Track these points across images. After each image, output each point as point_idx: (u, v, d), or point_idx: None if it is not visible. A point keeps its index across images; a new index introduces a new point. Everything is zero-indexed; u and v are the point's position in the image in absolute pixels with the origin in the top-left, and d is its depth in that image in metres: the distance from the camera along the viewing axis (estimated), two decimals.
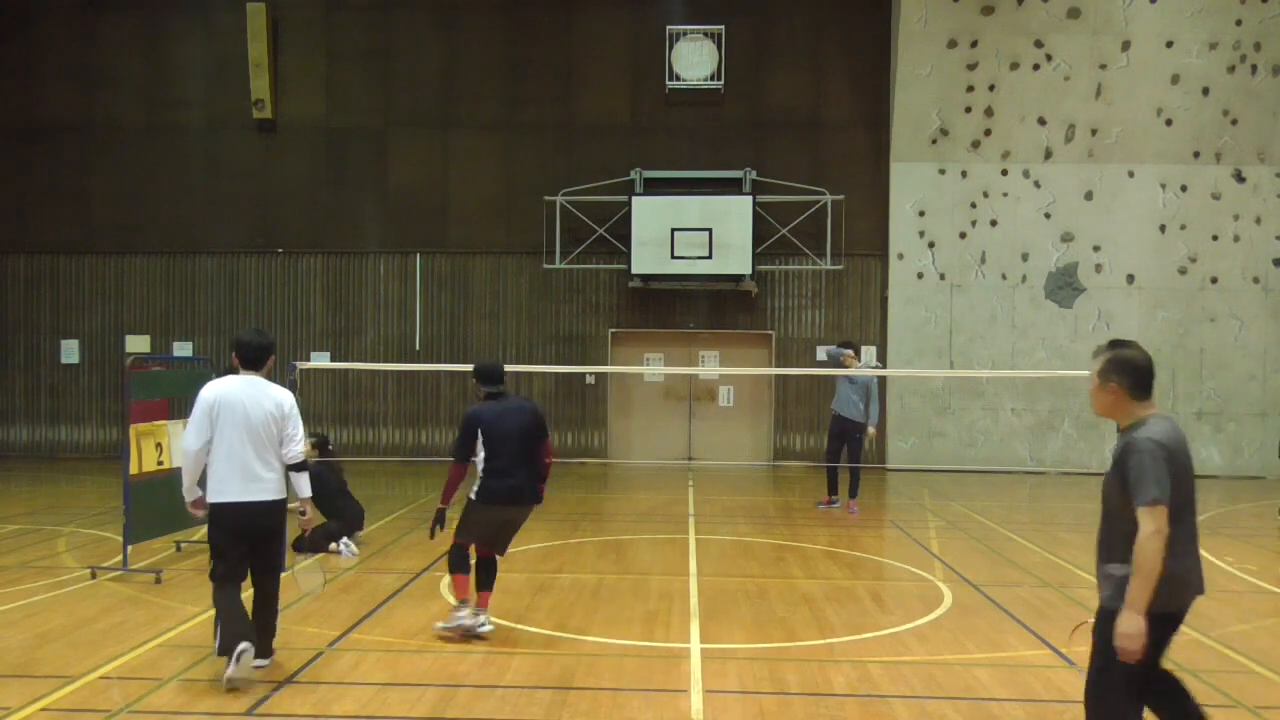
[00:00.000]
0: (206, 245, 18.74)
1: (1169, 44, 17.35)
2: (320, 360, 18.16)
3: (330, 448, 11.20)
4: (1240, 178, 17.64)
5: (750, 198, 17.59)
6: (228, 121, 18.69)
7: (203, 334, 18.74)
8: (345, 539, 10.18)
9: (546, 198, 18.02)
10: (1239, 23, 17.26)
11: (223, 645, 5.95)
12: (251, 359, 6.37)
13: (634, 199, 17.67)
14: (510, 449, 7.09)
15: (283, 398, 6.32)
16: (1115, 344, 4.43)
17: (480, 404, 7.27)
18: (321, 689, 6.05)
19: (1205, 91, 17.43)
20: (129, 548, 8.94)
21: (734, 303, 18.37)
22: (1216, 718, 5.82)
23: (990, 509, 13.58)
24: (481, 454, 7.16)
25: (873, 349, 18.16)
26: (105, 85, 18.87)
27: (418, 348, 18.54)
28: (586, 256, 18.19)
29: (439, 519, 7.26)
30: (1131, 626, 4.08)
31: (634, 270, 17.65)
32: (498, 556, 7.34)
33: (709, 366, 18.34)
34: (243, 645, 5.88)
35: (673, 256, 17.43)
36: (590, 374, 18.18)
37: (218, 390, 6.21)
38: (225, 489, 6.11)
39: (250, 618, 6.18)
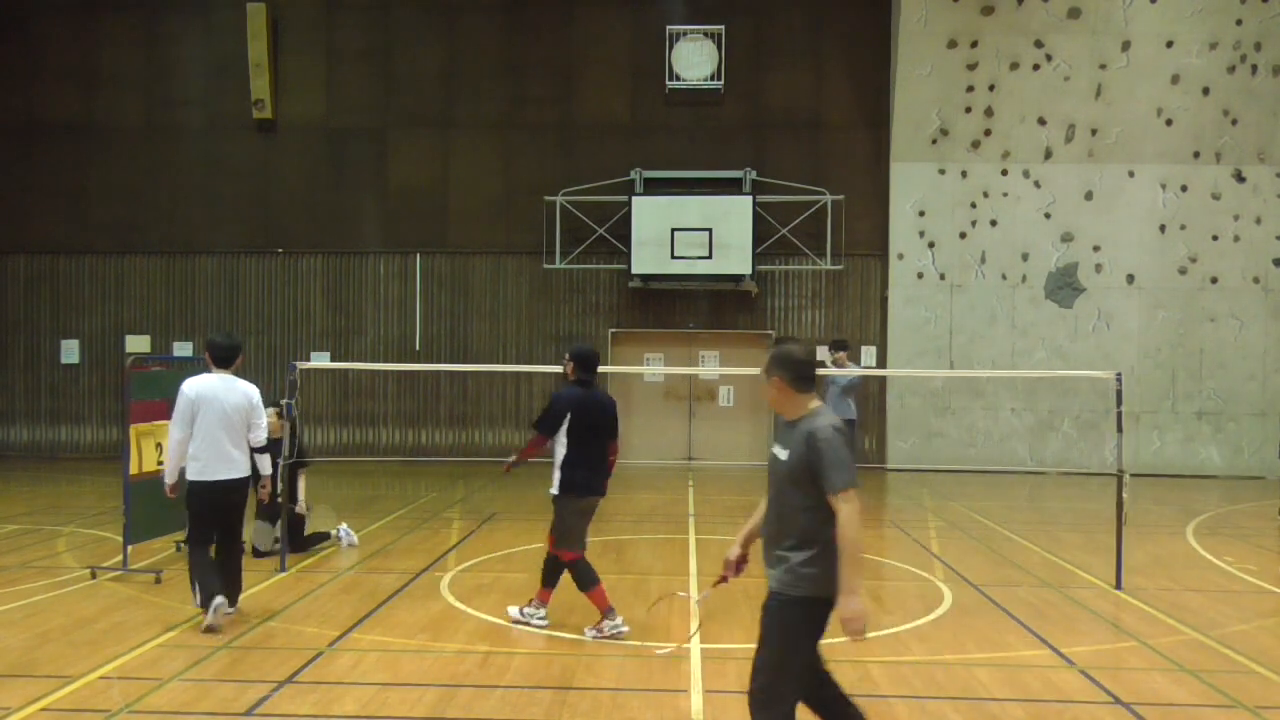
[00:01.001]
0: (206, 245, 18.74)
1: (1169, 44, 17.36)
2: (320, 360, 18.16)
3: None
4: (1240, 178, 17.64)
5: (750, 198, 17.59)
6: (228, 121, 18.69)
7: (203, 334, 18.72)
8: (345, 526, 10.24)
9: (546, 198, 18.02)
10: (1239, 23, 17.26)
11: (202, 599, 7.21)
12: (222, 358, 7.53)
13: (634, 199, 17.67)
14: (592, 440, 7.13)
15: (250, 391, 7.52)
16: (779, 340, 4.59)
17: (570, 388, 7.22)
18: (321, 689, 6.05)
19: (1205, 91, 17.43)
20: (129, 548, 8.95)
21: (734, 303, 18.37)
22: (1216, 718, 5.84)
23: (990, 509, 13.58)
24: (562, 446, 7.13)
25: (873, 349, 18.19)
26: (105, 85, 18.86)
27: (418, 348, 18.53)
28: (586, 256, 18.19)
29: (511, 468, 7.62)
30: (852, 609, 4.16)
31: (634, 270, 17.65)
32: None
33: (709, 366, 18.34)
34: (218, 599, 7.11)
35: (673, 256, 17.43)
36: None
37: (197, 386, 7.37)
38: (204, 469, 7.30)
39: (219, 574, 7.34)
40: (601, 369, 7.66)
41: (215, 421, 7.28)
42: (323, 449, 18.24)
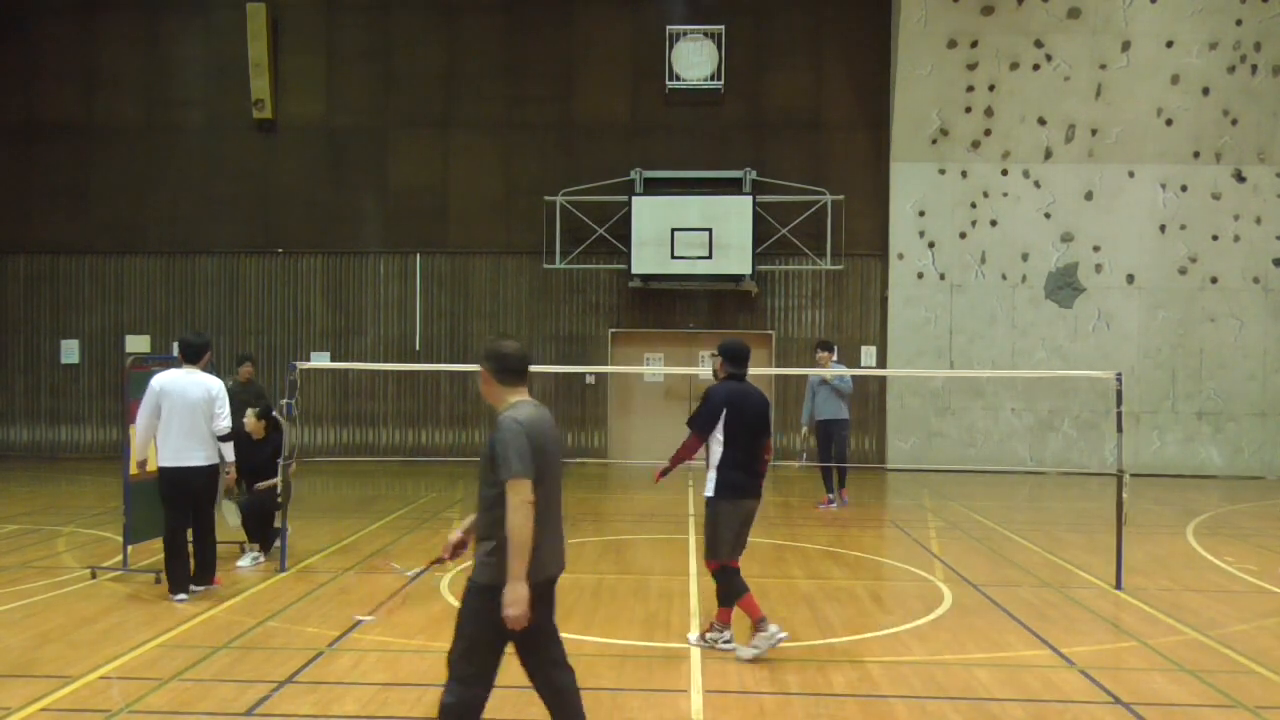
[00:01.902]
0: (206, 245, 18.73)
1: (1169, 44, 17.35)
2: (320, 360, 18.15)
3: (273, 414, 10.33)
4: (1240, 178, 17.64)
5: (750, 198, 17.59)
6: (228, 121, 18.69)
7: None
8: (255, 554, 9.56)
9: (546, 198, 18.02)
10: (1239, 23, 17.26)
11: (173, 587, 8.07)
12: (190, 354, 8.29)
13: (634, 199, 17.66)
14: (748, 438, 6.71)
15: (211, 385, 8.20)
16: (492, 337, 4.80)
17: (724, 384, 6.86)
18: (321, 689, 6.05)
19: (1205, 91, 17.43)
20: (129, 548, 8.95)
21: (734, 303, 18.36)
22: (1216, 718, 5.84)
23: (990, 509, 13.58)
24: (717, 445, 6.73)
25: (873, 349, 18.19)
26: (105, 85, 18.86)
27: (418, 348, 18.53)
28: (586, 256, 18.19)
29: (664, 474, 7.27)
30: (513, 594, 4.26)
31: (634, 270, 17.64)
32: (734, 561, 6.83)
33: (709, 366, 18.29)
34: (181, 596, 8.02)
35: (673, 256, 17.43)
36: (590, 374, 18.19)
37: (163, 380, 8.14)
38: (172, 456, 8.05)
39: (191, 560, 8.19)
40: (602, 369, 7.59)
41: (179, 412, 8.02)
42: (323, 449, 18.24)
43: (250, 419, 9.96)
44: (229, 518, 9.67)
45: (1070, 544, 11.08)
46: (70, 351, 18.90)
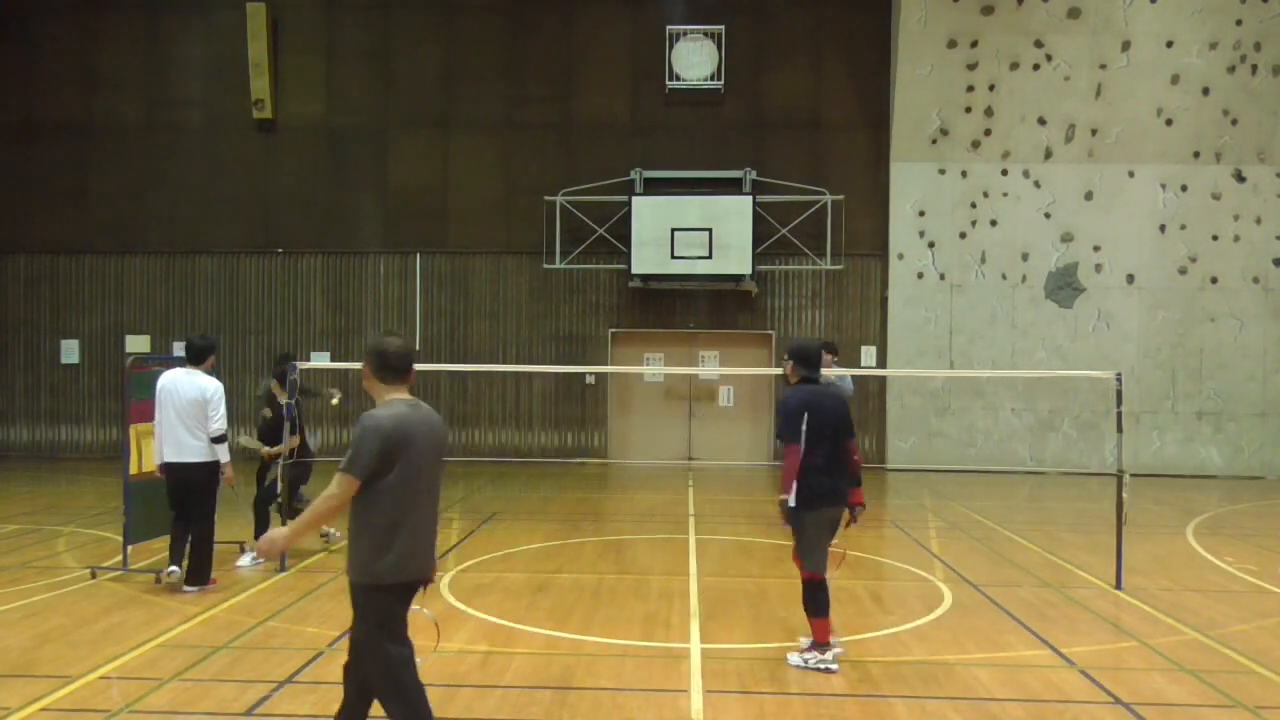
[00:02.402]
0: (206, 245, 18.74)
1: (1169, 44, 17.36)
2: (320, 360, 18.15)
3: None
4: (1240, 178, 17.64)
5: (750, 198, 17.59)
6: (228, 121, 18.69)
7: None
8: (254, 554, 9.48)
9: (546, 198, 18.02)
10: (1239, 23, 17.26)
11: (171, 560, 8.42)
12: (191, 355, 8.51)
13: (634, 199, 17.66)
14: (828, 442, 6.43)
15: (206, 385, 8.33)
16: (378, 334, 4.82)
17: (798, 387, 6.60)
18: (321, 689, 6.04)
19: (1205, 91, 17.43)
20: (129, 548, 8.96)
21: (734, 303, 18.37)
22: (1216, 718, 5.84)
23: (990, 509, 13.58)
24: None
25: (873, 349, 18.18)
26: (105, 85, 18.87)
27: (418, 348, 18.53)
28: (586, 256, 18.19)
29: (788, 516, 6.50)
30: (271, 536, 4.57)
31: (634, 270, 17.64)
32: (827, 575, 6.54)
33: (709, 366, 18.33)
34: (171, 569, 8.33)
35: (673, 256, 17.43)
36: (590, 374, 18.19)
37: (164, 378, 8.47)
38: (164, 451, 8.38)
39: (185, 558, 8.43)
40: (602, 369, 7.55)
41: (173, 410, 8.30)
42: (323, 449, 18.21)
43: (249, 440, 10.28)
44: (243, 440, 10.15)
45: (1070, 544, 11.08)
46: (70, 351, 18.90)
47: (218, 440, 8.34)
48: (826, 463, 6.42)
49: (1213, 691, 6.20)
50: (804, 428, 6.36)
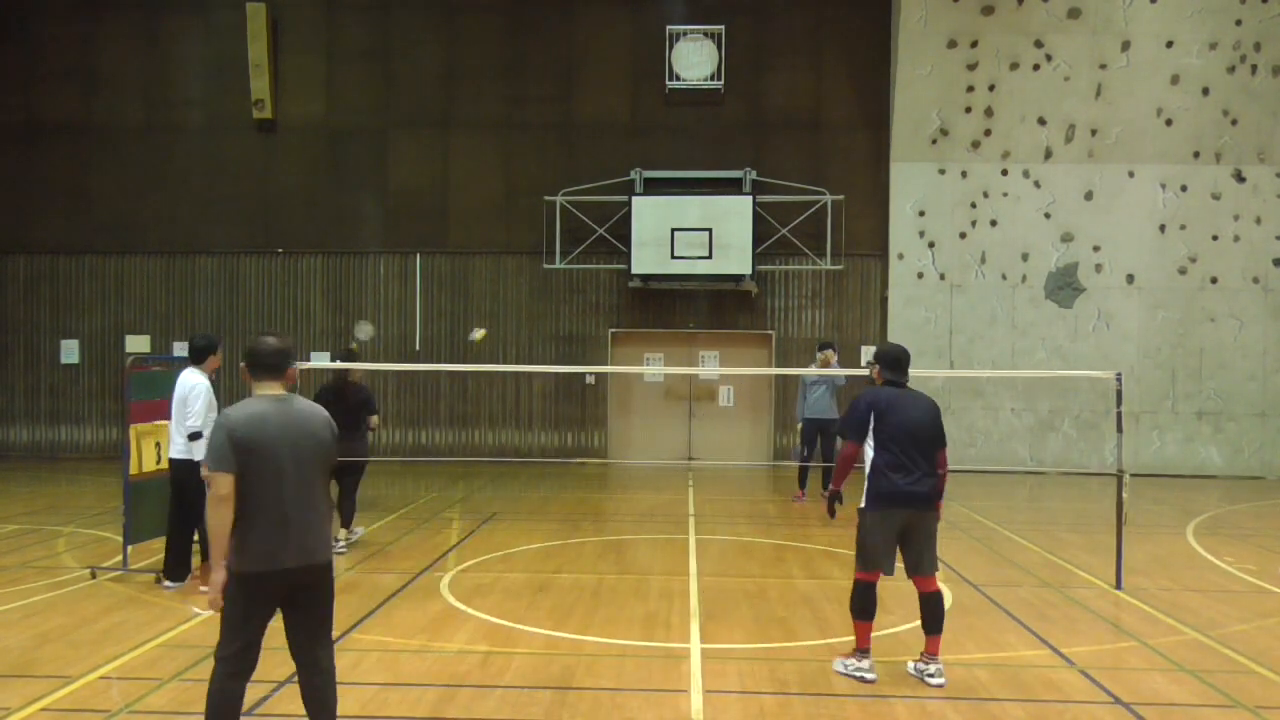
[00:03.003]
0: (206, 245, 18.73)
1: (1169, 44, 17.36)
2: (320, 360, 18.12)
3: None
4: (1240, 178, 17.64)
5: (750, 198, 17.59)
6: (228, 121, 18.69)
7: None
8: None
9: (546, 198, 18.02)
10: (1239, 23, 17.26)
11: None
12: (192, 355, 8.62)
13: (634, 199, 17.66)
14: (906, 441, 6.30)
15: (190, 383, 8.41)
16: (259, 334, 5.03)
17: (872, 388, 6.56)
18: None
19: (1205, 91, 17.43)
20: (129, 548, 8.95)
21: (734, 303, 18.37)
22: (1216, 718, 5.84)
23: (990, 509, 13.57)
24: (870, 450, 6.35)
25: (873, 349, 18.15)
26: (105, 85, 18.86)
27: (418, 348, 18.53)
28: (586, 256, 18.19)
29: (833, 500, 6.73)
30: (210, 579, 4.72)
31: (634, 270, 17.64)
32: (931, 583, 6.46)
33: (709, 366, 18.33)
34: (168, 584, 8.47)
35: (673, 256, 17.43)
36: (590, 374, 18.19)
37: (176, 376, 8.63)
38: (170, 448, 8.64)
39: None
40: (602, 369, 7.54)
41: (172, 408, 8.52)
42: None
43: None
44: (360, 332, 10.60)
45: (1070, 544, 11.08)
46: (70, 351, 18.90)
47: (191, 437, 8.28)
48: (901, 460, 6.29)
49: (1213, 691, 6.20)
50: (870, 428, 6.33)
